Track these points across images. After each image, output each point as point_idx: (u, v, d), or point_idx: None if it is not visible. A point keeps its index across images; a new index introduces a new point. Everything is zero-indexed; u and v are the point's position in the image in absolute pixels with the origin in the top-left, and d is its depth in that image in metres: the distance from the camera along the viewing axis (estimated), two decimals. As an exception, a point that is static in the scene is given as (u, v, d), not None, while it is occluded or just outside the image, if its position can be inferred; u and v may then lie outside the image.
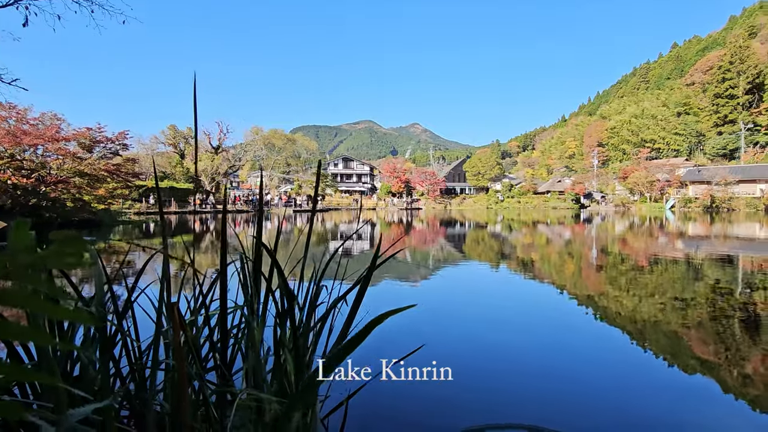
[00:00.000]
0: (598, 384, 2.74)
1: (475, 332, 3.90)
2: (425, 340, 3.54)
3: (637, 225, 22.54)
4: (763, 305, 4.97)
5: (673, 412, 2.40)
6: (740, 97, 64.94)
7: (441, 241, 14.19)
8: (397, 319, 4.18)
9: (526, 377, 2.85)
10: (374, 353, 3.13)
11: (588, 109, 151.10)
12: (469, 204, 70.06)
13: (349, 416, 1.96)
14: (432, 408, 2.41)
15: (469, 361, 3.15)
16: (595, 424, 2.25)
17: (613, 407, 2.43)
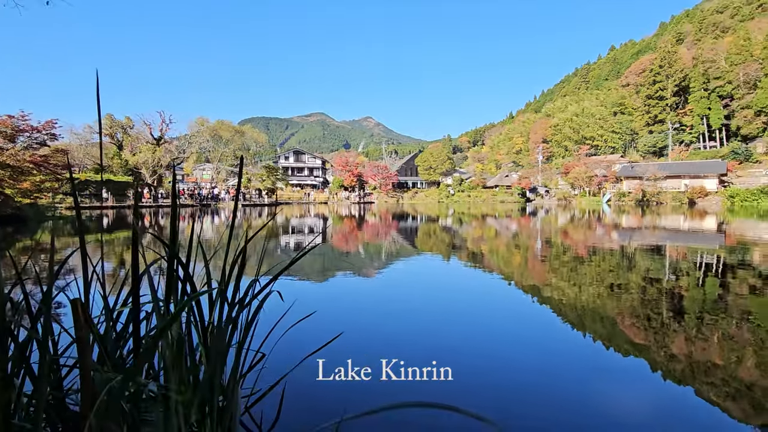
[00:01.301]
0: (539, 369, 2.82)
1: (424, 324, 3.91)
2: (369, 334, 3.51)
3: (577, 218, 23.74)
4: (687, 290, 5.36)
5: (615, 393, 2.51)
6: (668, 98, 69.86)
7: (394, 234, 14.26)
8: (351, 316, 4.11)
9: (468, 366, 2.88)
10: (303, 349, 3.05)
11: (534, 106, 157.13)
12: (421, 198, 71.05)
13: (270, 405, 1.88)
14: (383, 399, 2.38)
15: (418, 351, 3.15)
16: (533, 408, 2.30)
17: (551, 393, 2.51)
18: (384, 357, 3.05)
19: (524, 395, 2.52)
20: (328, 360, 3.03)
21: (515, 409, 2.36)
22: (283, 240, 12.11)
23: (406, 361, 2.93)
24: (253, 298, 1.77)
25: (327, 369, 2.85)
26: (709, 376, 2.83)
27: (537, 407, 2.38)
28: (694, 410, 2.40)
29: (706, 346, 3.40)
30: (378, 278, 6.47)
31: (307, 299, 4.98)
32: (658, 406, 2.45)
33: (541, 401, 2.45)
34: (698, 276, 6.54)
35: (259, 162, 64.77)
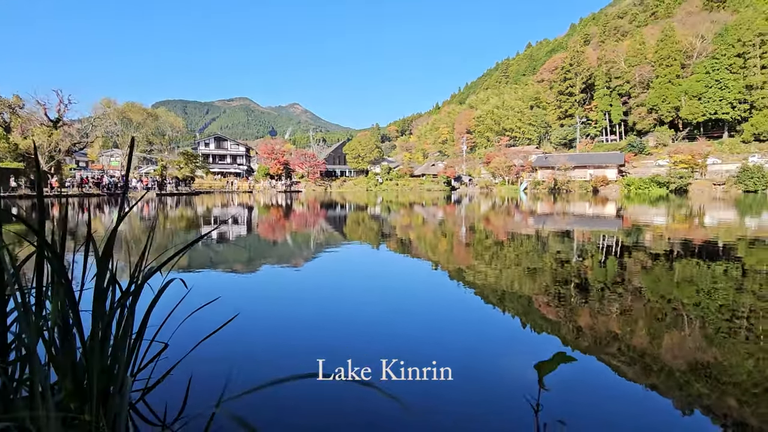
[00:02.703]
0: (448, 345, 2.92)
1: (343, 310, 3.89)
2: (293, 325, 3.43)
3: (498, 205, 25.08)
4: (592, 270, 5.86)
5: (530, 361, 2.65)
6: (577, 95, 75.72)
7: (322, 223, 14.07)
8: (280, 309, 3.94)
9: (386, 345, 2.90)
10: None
11: (459, 98, 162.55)
12: (350, 186, 70.91)
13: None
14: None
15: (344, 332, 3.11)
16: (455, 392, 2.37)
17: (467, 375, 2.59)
18: (311, 348, 3.00)
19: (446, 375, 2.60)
20: (257, 351, 2.92)
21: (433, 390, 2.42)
22: (204, 231, 11.46)
23: (337, 352, 2.89)
24: (139, 288, 1.70)
25: (256, 359, 2.75)
26: (610, 345, 3.11)
27: (459, 391, 2.46)
28: (596, 374, 2.62)
29: (607, 318, 3.74)
30: (305, 268, 6.35)
31: (229, 292, 4.76)
32: (580, 379, 2.65)
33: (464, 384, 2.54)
34: (600, 256, 7.19)
35: (176, 148, 60.45)
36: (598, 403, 2.32)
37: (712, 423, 2.13)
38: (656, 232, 10.94)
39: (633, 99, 68.57)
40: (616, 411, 2.24)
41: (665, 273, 5.79)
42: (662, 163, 52.14)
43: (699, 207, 21.15)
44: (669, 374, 2.66)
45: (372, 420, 2.10)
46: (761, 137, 53.92)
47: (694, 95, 58.39)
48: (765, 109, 53.95)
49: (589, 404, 2.31)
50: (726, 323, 3.62)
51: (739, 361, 2.85)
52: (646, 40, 69.80)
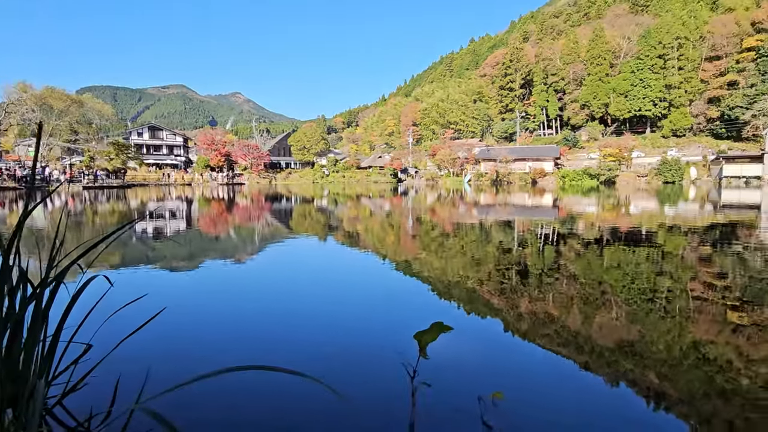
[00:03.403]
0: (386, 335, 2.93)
1: (294, 302, 3.79)
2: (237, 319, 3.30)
3: (443, 197, 25.63)
4: (531, 257, 6.12)
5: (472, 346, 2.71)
6: (517, 90, 78.81)
7: (267, 216, 13.70)
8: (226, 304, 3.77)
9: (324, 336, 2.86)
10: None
11: (405, 90, 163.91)
12: (295, 179, 69.65)
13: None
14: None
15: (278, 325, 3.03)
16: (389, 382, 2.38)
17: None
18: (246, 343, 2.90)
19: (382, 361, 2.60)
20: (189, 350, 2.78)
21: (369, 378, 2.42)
22: (137, 226, 10.79)
23: (267, 344, 2.81)
24: (55, 287, 1.57)
25: (187, 356, 2.62)
26: (546, 326, 3.26)
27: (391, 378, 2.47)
28: (535, 355, 2.73)
29: (545, 302, 3.92)
30: (246, 262, 6.15)
31: (163, 289, 4.50)
32: (517, 359, 2.74)
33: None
34: (539, 244, 7.54)
35: (105, 138, 56.25)
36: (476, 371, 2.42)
37: (608, 386, 2.28)
38: (587, 220, 11.66)
39: (568, 95, 72.35)
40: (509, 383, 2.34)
41: (592, 257, 6.17)
42: (593, 156, 55.58)
43: (625, 197, 22.76)
44: (570, 344, 2.83)
45: (299, 408, 2.06)
46: (678, 133, 58.87)
47: (621, 93, 62.57)
48: (682, 107, 58.91)
49: (458, 370, 2.40)
50: (646, 303, 3.91)
51: (655, 336, 3.08)
52: (579, 39, 73.71)
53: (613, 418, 2.09)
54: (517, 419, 2.02)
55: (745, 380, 2.44)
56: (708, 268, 5.44)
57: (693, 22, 61.31)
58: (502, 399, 1.94)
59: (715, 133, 56.24)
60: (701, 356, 2.78)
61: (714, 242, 7.53)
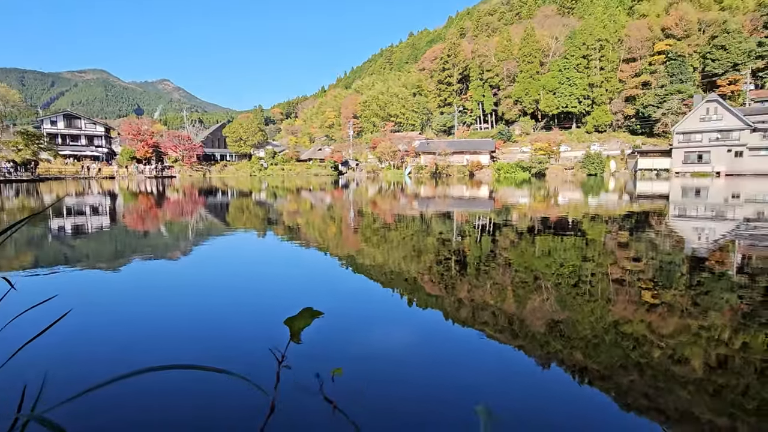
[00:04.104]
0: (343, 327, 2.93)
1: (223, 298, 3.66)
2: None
3: (384, 189, 25.83)
4: (469, 247, 6.34)
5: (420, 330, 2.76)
6: (455, 84, 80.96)
7: (201, 211, 13.08)
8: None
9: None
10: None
11: (344, 82, 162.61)
12: (231, 171, 67.07)
13: None
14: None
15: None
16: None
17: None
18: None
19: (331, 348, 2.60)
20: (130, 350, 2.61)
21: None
22: (55, 225, 9.92)
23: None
24: None
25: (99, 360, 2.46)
26: (484, 311, 3.41)
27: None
28: (472, 339, 2.84)
29: (483, 290, 4.09)
30: (175, 259, 5.84)
31: (81, 291, 4.17)
32: (456, 346, 2.83)
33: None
34: (476, 235, 7.84)
35: (11, 126, 50.74)
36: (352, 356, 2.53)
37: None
38: (521, 211, 12.28)
39: (502, 91, 75.40)
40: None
41: (525, 245, 6.52)
42: (525, 150, 58.54)
43: (554, 189, 24.21)
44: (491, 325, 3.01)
45: (217, 404, 2.01)
46: (600, 128, 63.43)
47: (550, 90, 66.22)
48: (603, 105, 63.46)
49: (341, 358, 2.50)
50: (572, 288, 4.20)
51: (580, 317, 3.32)
52: (512, 37, 76.91)
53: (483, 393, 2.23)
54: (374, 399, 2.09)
55: (657, 352, 2.70)
56: (625, 253, 5.94)
57: (612, 25, 66.10)
58: (341, 375, 2.00)
59: (632, 129, 61.27)
60: (620, 334, 3.04)
61: (630, 229, 8.22)
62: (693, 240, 7.13)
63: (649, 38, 63.10)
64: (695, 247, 6.45)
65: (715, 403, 2.15)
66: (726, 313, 3.42)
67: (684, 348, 2.78)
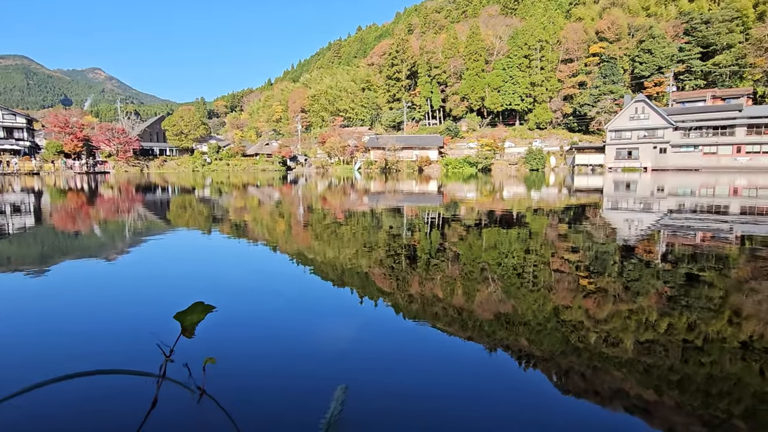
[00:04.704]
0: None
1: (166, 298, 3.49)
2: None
3: (334, 185, 25.65)
4: (420, 242, 6.45)
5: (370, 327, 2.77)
6: (403, 80, 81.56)
7: (139, 209, 12.37)
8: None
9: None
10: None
11: (292, 75, 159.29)
12: (172, 167, 63.96)
13: None
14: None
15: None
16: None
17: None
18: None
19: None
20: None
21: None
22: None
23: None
24: None
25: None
26: (435, 304, 3.49)
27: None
28: (425, 332, 2.90)
29: (432, 284, 4.18)
30: (107, 261, 5.52)
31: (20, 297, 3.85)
32: (411, 338, 2.87)
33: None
34: (426, 229, 7.98)
35: None
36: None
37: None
38: (468, 205, 12.64)
39: (449, 88, 76.92)
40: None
41: (472, 238, 6.73)
42: (472, 145, 60.17)
43: (499, 183, 25.11)
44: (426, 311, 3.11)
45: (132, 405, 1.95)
46: (541, 126, 66.41)
47: (494, 88, 68.41)
48: (543, 103, 66.43)
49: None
50: (516, 278, 4.39)
51: (524, 307, 3.48)
52: (458, 35, 78.58)
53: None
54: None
55: (592, 336, 2.89)
56: (564, 244, 6.28)
57: (552, 27, 69.27)
58: (215, 363, 2.03)
59: (570, 126, 64.66)
60: (560, 320, 3.22)
61: (569, 221, 8.70)
62: (624, 230, 7.67)
63: (584, 40, 66.71)
64: (626, 237, 6.94)
65: (643, 379, 2.34)
66: (653, 297, 3.71)
67: (616, 331, 2.99)
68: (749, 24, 58.20)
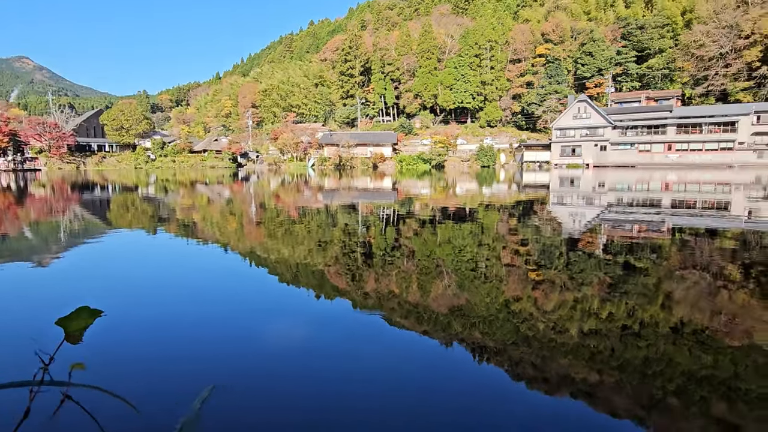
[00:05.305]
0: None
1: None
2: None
3: (287, 181, 25.20)
4: (374, 237, 6.46)
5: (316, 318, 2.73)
6: (357, 77, 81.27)
7: (75, 209, 11.59)
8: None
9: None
10: None
11: (241, 69, 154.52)
12: (112, 164, 60.45)
13: None
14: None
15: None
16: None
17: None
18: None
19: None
20: None
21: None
22: None
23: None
24: None
25: None
26: (391, 300, 3.51)
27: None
28: (380, 326, 2.92)
29: (389, 278, 4.20)
30: (39, 265, 5.15)
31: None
32: (363, 333, 2.87)
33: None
34: (381, 225, 8.01)
35: None
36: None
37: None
38: (422, 201, 12.81)
39: (403, 85, 77.45)
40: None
41: (424, 233, 6.84)
42: (426, 142, 61.00)
43: (452, 179, 25.63)
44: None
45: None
46: (491, 123, 68.35)
47: (447, 86, 69.64)
48: (494, 102, 68.38)
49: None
50: (470, 271, 4.51)
51: (477, 299, 3.58)
52: (411, 33, 79.21)
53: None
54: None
55: (541, 325, 3.01)
56: (514, 238, 6.51)
57: (501, 28, 71.35)
58: (83, 369, 2.03)
59: (518, 124, 66.97)
60: (510, 311, 3.33)
61: (518, 216, 9.03)
62: (569, 224, 8.06)
63: (531, 42, 69.23)
64: (570, 230, 7.30)
65: (588, 364, 2.47)
66: (595, 287, 3.92)
67: (563, 320, 3.14)
68: (678, 30, 62.68)
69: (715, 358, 2.52)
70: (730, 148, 45.71)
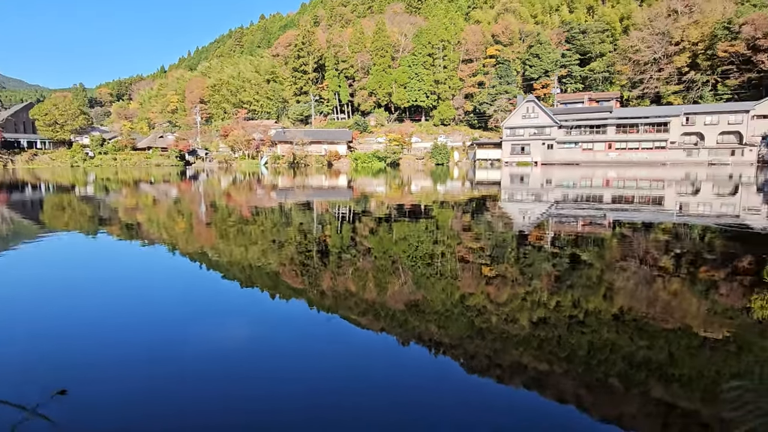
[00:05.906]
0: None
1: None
2: None
3: (239, 180, 24.48)
4: (330, 236, 6.40)
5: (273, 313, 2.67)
6: (310, 73, 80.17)
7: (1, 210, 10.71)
8: None
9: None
10: None
11: (188, 63, 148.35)
12: (45, 162, 56.32)
13: None
14: None
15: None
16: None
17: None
18: None
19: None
20: None
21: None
22: None
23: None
24: None
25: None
26: (348, 298, 3.50)
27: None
28: (336, 324, 2.90)
29: (343, 277, 4.18)
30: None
31: None
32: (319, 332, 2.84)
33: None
34: (337, 224, 7.96)
35: None
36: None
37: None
38: (378, 199, 12.85)
39: (357, 82, 77.26)
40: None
41: (379, 231, 6.87)
42: (380, 140, 61.18)
43: (407, 177, 25.88)
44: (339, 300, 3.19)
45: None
46: (445, 122, 69.63)
47: (401, 84, 70.17)
48: (447, 101, 69.66)
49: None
50: (426, 268, 4.57)
51: (433, 295, 3.64)
52: (365, 30, 79.12)
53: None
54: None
55: (494, 318, 3.11)
56: (468, 234, 6.67)
57: (453, 28, 72.74)
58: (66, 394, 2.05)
59: (471, 123, 68.65)
60: (465, 306, 3.41)
61: (471, 212, 9.26)
62: (519, 220, 8.35)
63: (482, 43, 71.05)
64: (521, 226, 7.57)
65: (538, 353, 2.57)
66: (543, 279, 4.09)
67: (514, 312, 3.25)
68: (617, 36, 66.55)
69: (651, 342, 2.70)
70: (664, 147, 49.11)
